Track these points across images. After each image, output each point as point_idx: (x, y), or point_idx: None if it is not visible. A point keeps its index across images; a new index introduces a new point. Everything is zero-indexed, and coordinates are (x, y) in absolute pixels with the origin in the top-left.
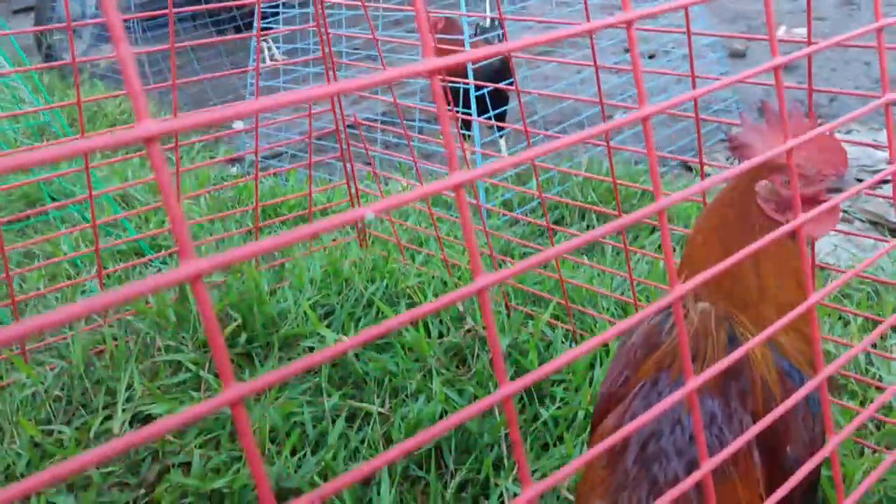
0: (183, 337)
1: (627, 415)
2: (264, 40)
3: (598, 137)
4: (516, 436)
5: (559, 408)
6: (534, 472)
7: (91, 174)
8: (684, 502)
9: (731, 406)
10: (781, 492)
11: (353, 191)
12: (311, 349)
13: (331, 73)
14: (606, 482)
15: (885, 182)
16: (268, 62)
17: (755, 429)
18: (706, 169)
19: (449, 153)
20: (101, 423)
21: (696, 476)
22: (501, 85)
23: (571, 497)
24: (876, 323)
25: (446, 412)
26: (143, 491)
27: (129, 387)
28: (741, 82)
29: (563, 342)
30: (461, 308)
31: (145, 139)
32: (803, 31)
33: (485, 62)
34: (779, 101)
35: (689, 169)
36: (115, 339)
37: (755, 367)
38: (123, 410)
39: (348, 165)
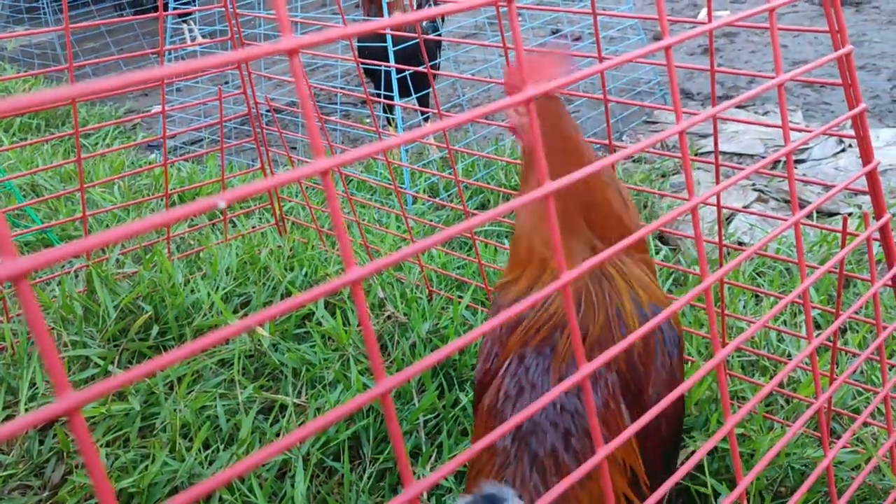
0: (90, 331)
1: (501, 393)
2: (185, 22)
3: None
4: (396, 432)
5: None
6: (453, 457)
7: None
8: (563, 471)
9: (597, 370)
10: (638, 425)
11: (268, 176)
12: (228, 341)
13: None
14: (491, 462)
15: (801, 162)
16: (188, 44)
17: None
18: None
19: (312, 136)
20: (2, 423)
21: (588, 466)
22: (420, 68)
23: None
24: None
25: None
26: (46, 493)
27: (32, 385)
28: (631, 61)
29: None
30: (381, 294)
31: None
32: (724, 13)
33: (405, 44)
34: (670, 79)
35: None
36: (17, 335)
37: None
38: (26, 410)
39: (263, 150)
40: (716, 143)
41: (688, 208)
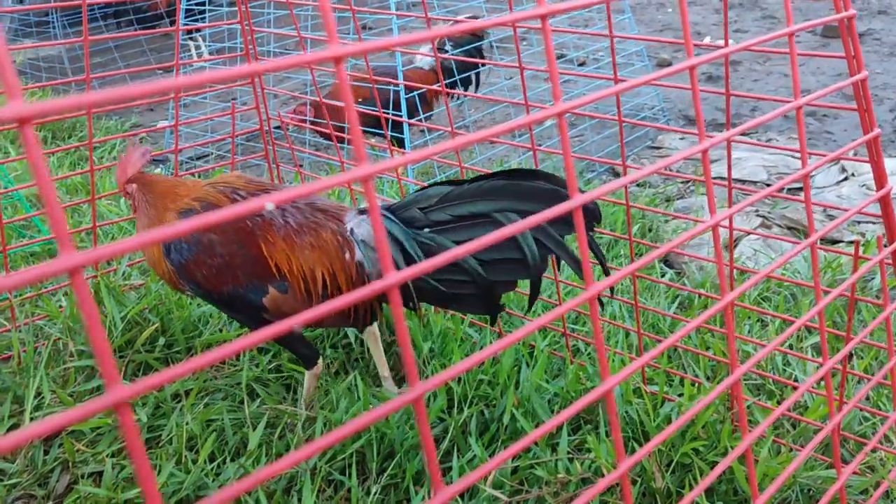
0: None
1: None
2: (192, 38)
3: (523, 139)
4: (427, 437)
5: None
6: (462, 469)
7: (2, 171)
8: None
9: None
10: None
11: None
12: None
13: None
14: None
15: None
16: (196, 60)
17: None
18: (631, 172)
19: (356, 144)
20: (7, 433)
21: None
22: (431, 87)
23: (498, 494)
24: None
25: None
26: (51, 503)
27: (39, 394)
28: (650, 83)
29: (491, 344)
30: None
31: (19, 120)
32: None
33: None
34: (694, 99)
35: (618, 174)
36: (24, 344)
37: None
38: (32, 419)
39: (273, 165)
40: (729, 167)
41: (707, 227)
